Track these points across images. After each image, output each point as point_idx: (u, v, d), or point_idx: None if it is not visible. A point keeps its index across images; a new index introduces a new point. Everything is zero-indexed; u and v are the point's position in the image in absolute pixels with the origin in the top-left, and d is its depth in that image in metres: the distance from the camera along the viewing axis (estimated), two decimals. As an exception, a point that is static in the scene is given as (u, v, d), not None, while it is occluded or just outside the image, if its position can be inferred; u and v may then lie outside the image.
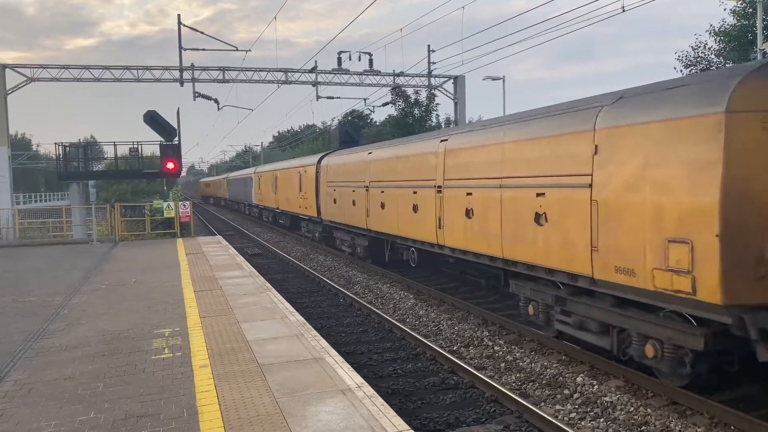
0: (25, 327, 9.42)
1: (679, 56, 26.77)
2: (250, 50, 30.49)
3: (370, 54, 30.12)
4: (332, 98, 32.07)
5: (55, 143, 27.02)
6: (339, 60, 29.90)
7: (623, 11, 16.19)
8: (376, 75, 30.88)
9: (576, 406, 7.65)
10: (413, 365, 9.51)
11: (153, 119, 25.02)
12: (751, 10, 23.84)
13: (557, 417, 7.29)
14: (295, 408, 5.79)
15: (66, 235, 25.33)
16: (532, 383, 8.56)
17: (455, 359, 9.30)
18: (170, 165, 24.45)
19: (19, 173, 61.74)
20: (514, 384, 8.58)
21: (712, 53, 26.19)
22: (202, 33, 27.71)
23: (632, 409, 7.34)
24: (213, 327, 9.09)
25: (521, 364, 9.31)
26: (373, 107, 53.51)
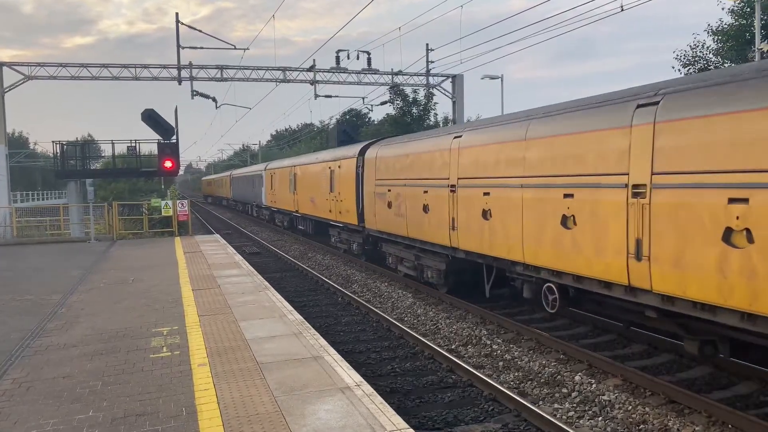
0: (23, 325, 9.40)
1: (678, 55, 26.89)
2: (248, 49, 30.44)
3: (369, 53, 30.10)
4: (330, 97, 32.10)
5: (53, 141, 26.91)
6: (337, 58, 29.88)
7: (622, 10, 16.23)
8: (375, 74, 30.87)
9: (574, 405, 7.66)
10: (412, 364, 9.52)
11: (151, 118, 25.02)
12: (749, 10, 23.89)
13: (555, 416, 7.31)
14: (294, 406, 5.79)
15: (63, 234, 25.29)
16: (531, 382, 8.58)
17: (454, 358, 9.31)
18: (168, 163, 24.46)
19: (17, 171, 61.65)
20: (513, 383, 8.59)
21: (710, 52, 26.29)
22: (200, 31, 27.70)
23: (630, 408, 7.36)
24: (211, 326, 9.08)
25: (519, 363, 9.32)
26: (372, 106, 53.52)
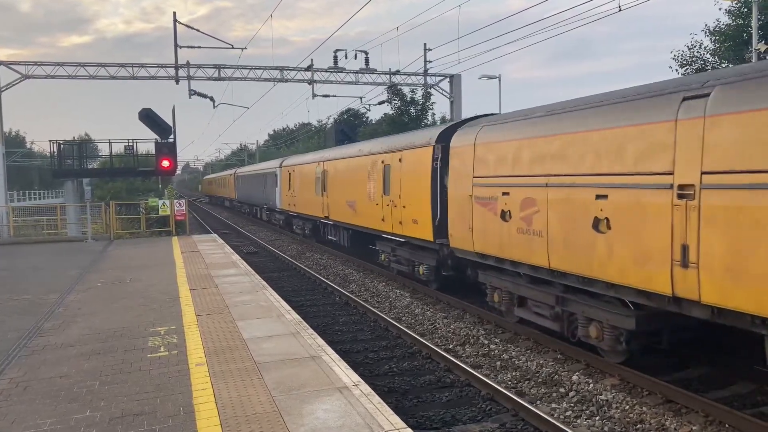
0: (20, 325, 9.38)
1: (675, 56, 26.97)
2: (246, 48, 30.40)
3: (366, 52, 30.04)
4: (328, 96, 32.04)
5: (50, 141, 26.83)
6: (335, 58, 29.82)
7: (619, 10, 16.26)
8: (372, 73, 30.83)
9: (572, 405, 7.68)
10: (409, 364, 9.52)
11: (148, 117, 24.98)
12: (746, 10, 23.94)
13: (553, 415, 7.32)
14: (292, 406, 5.79)
15: (60, 233, 25.23)
16: (528, 381, 8.59)
17: (451, 358, 9.32)
18: (165, 163, 24.42)
19: (14, 171, 61.45)
20: (510, 382, 8.60)
21: (708, 53, 26.37)
22: (198, 31, 27.62)
23: (627, 408, 7.37)
24: (209, 325, 9.07)
25: (517, 363, 9.33)
26: (369, 106, 53.45)
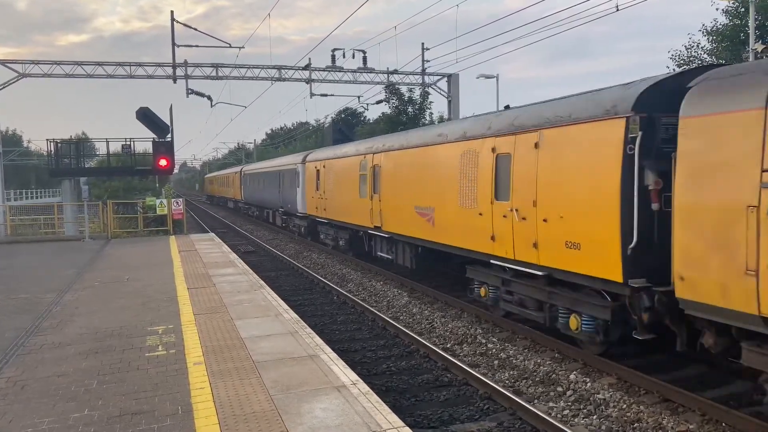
0: (18, 324, 9.37)
1: (672, 55, 27.05)
2: (244, 47, 30.37)
3: (364, 52, 30.02)
4: (326, 95, 32.03)
5: (47, 140, 26.75)
6: (333, 57, 29.78)
7: (617, 10, 16.28)
8: (370, 73, 30.81)
9: (569, 403, 7.69)
10: (407, 363, 9.53)
11: (146, 116, 24.94)
12: (743, 10, 24.00)
13: (551, 414, 7.33)
14: (291, 405, 5.79)
15: (58, 232, 25.20)
16: (526, 380, 8.60)
17: (449, 357, 9.33)
18: (163, 162, 24.38)
19: (10, 170, 61.31)
20: (508, 381, 8.62)
21: (705, 52, 26.43)
22: (196, 29, 27.61)
23: (625, 406, 7.39)
24: (207, 324, 9.07)
25: (514, 362, 9.35)
26: (367, 105, 53.43)
